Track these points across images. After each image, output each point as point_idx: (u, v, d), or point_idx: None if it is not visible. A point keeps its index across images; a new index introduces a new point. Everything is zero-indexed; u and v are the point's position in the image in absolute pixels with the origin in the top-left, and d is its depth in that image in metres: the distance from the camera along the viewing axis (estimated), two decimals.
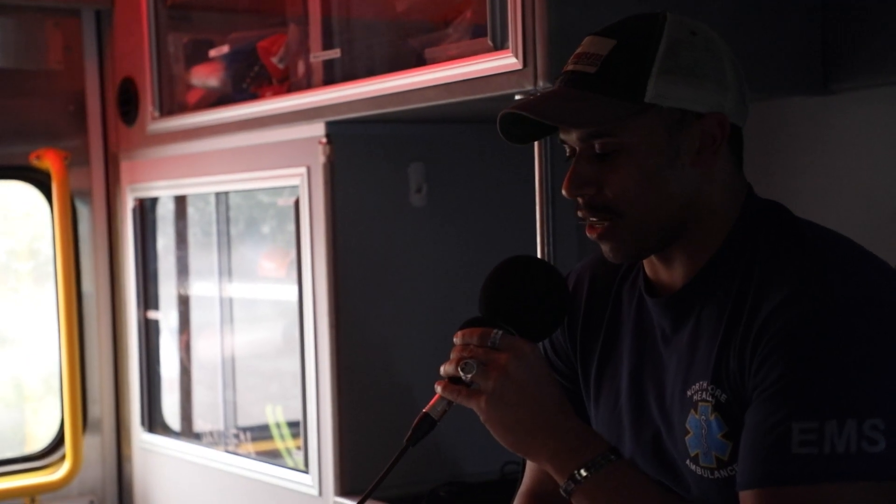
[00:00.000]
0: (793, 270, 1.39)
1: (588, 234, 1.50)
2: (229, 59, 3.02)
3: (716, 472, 1.43)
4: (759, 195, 1.53)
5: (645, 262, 1.54)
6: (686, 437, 1.46)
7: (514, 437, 1.44)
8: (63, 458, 3.54)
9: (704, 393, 1.43)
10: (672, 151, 1.44)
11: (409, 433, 1.47)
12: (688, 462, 1.46)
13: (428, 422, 1.46)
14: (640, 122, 1.43)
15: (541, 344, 1.69)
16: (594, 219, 1.47)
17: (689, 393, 1.45)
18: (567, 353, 1.67)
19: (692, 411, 1.44)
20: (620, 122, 1.43)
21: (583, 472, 1.41)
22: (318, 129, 2.69)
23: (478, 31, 2.23)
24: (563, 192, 1.48)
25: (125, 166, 3.53)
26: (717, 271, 1.46)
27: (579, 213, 1.49)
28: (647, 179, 1.44)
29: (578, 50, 1.48)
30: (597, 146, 1.45)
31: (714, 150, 1.45)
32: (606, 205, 1.45)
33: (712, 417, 1.42)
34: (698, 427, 1.44)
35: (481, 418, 1.45)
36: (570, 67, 1.48)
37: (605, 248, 1.50)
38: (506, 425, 1.44)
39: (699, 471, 1.44)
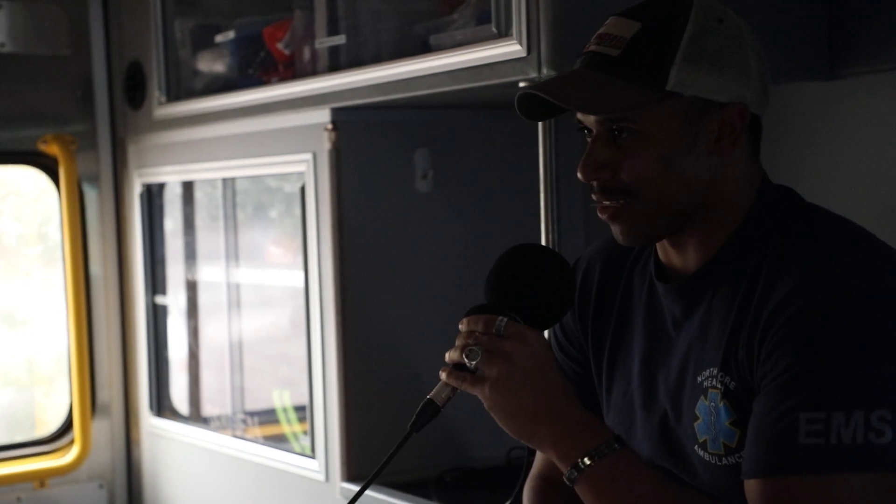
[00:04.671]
0: (802, 259, 1.39)
1: (600, 215, 1.48)
2: (235, 44, 3.02)
3: (723, 458, 1.43)
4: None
5: (657, 246, 1.54)
6: (695, 423, 1.46)
7: (517, 425, 1.44)
8: (72, 442, 3.56)
9: (714, 380, 1.43)
10: (690, 139, 1.43)
11: (412, 419, 1.47)
12: (696, 448, 1.46)
13: (432, 408, 1.46)
14: (660, 110, 1.42)
15: (551, 330, 1.70)
16: (607, 202, 1.46)
17: (699, 379, 1.45)
18: (578, 339, 1.67)
19: (702, 397, 1.45)
20: (640, 110, 1.42)
21: (586, 461, 1.41)
22: (323, 116, 2.69)
23: (483, 18, 2.23)
24: (579, 174, 1.47)
25: (133, 151, 3.54)
26: (729, 258, 1.46)
27: (593, 196, 1.48)
28: (664, 166, 1.43)
29: (601, 30, 1.46)
30: (615, 130, 1.44)
31: (733, 139, 1.44)
32: (621, 187, 1.45)
33: (721, 404, 1.42)
34: (707, 413, 1.44)
35: (485, 405, 1.45)
36: (592, 48, 1.46)
37: (615, 229, 1.49)
38: (509, 412, 1.43)
39: (707, 457, 1.45)
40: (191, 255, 3.46)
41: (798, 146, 2.48)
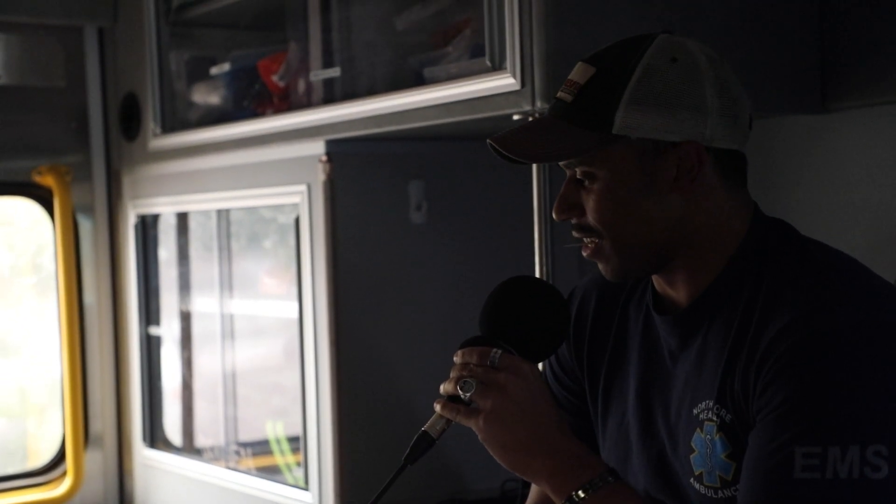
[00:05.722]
0: (797, 293, 1.39)
1: (583, 253, 1.51)
2: (230, 76, 3.03)
3: (720, 491, 1.43)
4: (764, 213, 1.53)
5: (653, 278, 1.55)
6: (691, 456, 1.46)
7: (511, 457, 1.44)
8: (64, 474, 3.55)
9: (710, 412, 1.43)
10: (646, 179, 1.45)
11: (407, 451, 1.47)
12: (692, 480, 1.46)
13: (426, 440, 1.47)
14: (610, 153, 1.44)
15: (546, 361, 1.70)
16: (585, 239, 1.50)
17: (695, 411, 1.46)
18: (573, 369, 1.67)
19: (698, 430, 1.45)
20: (586, 155, 1.44)
21: (580, 494, 1.41)
22: (318, 148, 2.70)
23: (477, 51, 2.24)
24: (553, 213, 1.50)
25: (127, 182, 3.54)
26: (724, 290, 1.46)
27: (574, 234, 1.51)
28: (622, 206, 1.45)
29: (569, 75, 1.49)
30: (577, 173, 1.47)
31: (692, 177, 1.45)
32: (589, 227, 1.48)
33: (717, 437, 1.42)
34: (703, 446, 1.44)
35: (479, 437, 1.46)
36: (558, 94, 1.49)
37: (599, 266, 1.52)
38: (503, 444, 1.44)
39: (703, 490, 1.45)
40: (185, 285, 3.46)
41: (789, 179, 2.49)
